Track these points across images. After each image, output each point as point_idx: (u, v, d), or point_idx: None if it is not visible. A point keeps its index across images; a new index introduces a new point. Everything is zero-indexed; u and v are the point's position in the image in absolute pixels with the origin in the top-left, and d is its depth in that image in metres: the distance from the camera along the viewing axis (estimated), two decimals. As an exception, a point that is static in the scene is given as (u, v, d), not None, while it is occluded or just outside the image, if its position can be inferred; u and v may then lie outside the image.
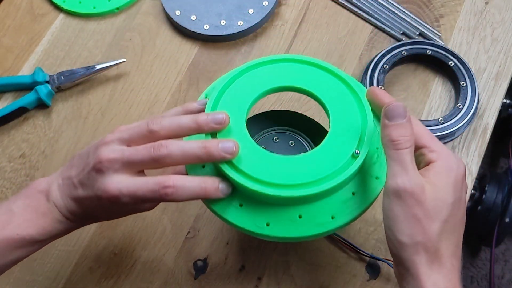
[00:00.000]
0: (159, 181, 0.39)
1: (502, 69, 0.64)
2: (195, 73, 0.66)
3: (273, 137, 0.48)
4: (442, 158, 0.39)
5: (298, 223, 0.41)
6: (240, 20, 0.67)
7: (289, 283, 0.55)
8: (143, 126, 0.41)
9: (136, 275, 0.56)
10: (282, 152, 0.46)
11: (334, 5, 0.69)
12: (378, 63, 0.62)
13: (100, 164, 0.40)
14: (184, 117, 0.41)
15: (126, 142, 0.41)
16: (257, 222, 0.41)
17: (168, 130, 0.41)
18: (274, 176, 0.40)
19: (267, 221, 0.41)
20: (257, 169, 0.40)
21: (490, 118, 0.61)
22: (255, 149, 0.41)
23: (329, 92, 0.44)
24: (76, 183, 0.42)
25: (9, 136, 0.64)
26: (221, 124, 0.41)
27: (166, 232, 0.58)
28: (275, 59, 0.46)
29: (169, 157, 0.39)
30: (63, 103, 0.66)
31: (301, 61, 0.46)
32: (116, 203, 0.40)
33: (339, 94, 0.44)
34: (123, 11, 0.71)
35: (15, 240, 0.41)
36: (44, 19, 0.71)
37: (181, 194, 0.39)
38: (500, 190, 0.97)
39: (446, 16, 0.67)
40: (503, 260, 1.16)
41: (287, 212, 0.41)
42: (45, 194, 0.43)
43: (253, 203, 0.41)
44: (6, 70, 0.68)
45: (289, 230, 0.41)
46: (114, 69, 0.67)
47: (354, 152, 0.41)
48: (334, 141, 0.41)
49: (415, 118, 0.41)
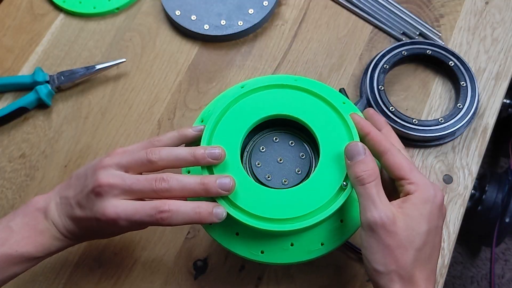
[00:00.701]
0: (155, 206, 0.41)
1: (502, 69, 0.64)
2: (195, 73, 0.66)
3: (273, 137, 0.49)
4: (419, 190, 0.41)
5: (290, 250, 0.44)
6: (240, 20, 0.67)
7: (289, 283, 0.55)
8: (142, 155, 0.43)
9: (136, 275, 0.56)
10: (282, 152, 0.47)
11: (334, 5, 0.69)
12: (378, 63, 0.62)
13: (100, 188, 0.41)
14: (182, 149, 0.43)
15: (124, 168, 0.43)
16: (252, 249, 0.45)
17: (166, 161, 0.43)
18: (267, 210, 0.43)
19: (262, 249, 0.45)
20: (251, 203, 0.43)
21: (490, 118, 0.61)
22: (250, 183, 0.44)
23: (320, 121, 0.47)
24: (74, 204, 0.43)
25: (9, 136, 0.64)
26: (217, 159, 0.43)
27: (166, 232, 0.58)
28: (269, 85, 0.48)
29: (169, 192, 0.42)
30: (63, 103, 0.66)
31: (295, 87, 0.48)
32: (113, 225, 0.42)
33: (330, 123, 0.46)
34: (123, 11, 0.71)
35: (14, 256, 0.42)
36: (44, 19, 0.71)
37: (176, 218, 0.41)
38: (500, 189, 0.97)
39: (446, 16, 0.67)
40: (503, 260, 1.16)
41: (280, 241, 0.44)
42: (43, 212, 0.44)
43: (248, 233, 0.45)
44: (6, 70, 0.68)
45: (281, 257, 0.45)
46: (114, 69, 0.67)
47: (342, 184, 0.43)
48: (324, 172, 0.44)
49: (397, 150, 0.43)
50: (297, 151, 0.48)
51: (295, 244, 0.45)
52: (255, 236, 0.45)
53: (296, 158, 0.48)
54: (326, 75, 0.65)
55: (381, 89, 0.61)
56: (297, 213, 0.43)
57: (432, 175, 0.59)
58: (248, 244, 0.45)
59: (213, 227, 0.45)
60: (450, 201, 0.58)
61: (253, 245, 0.45)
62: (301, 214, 0.43)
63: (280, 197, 0.44)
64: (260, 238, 0.45)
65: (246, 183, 0.44)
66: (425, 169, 0.59)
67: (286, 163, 0.47)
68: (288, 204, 0.43)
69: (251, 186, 0.44)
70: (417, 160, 0.60)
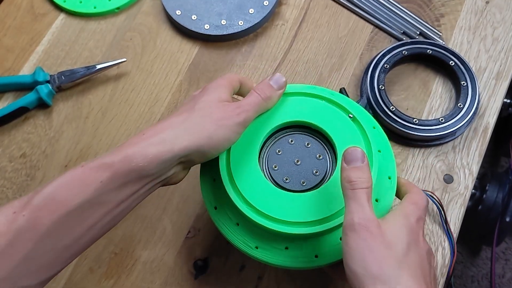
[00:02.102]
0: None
1: (502, 68, 0.64)
2: (195, 73, 0.66)
3: (288, 139, 0.49)
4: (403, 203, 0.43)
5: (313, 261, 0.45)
6: (240, 20, 0.67)
7: (289, 283, 0.55)
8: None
9: (137, 275, 0.56)
10: (299, 154, 0.48)
11: (335, 4, 0.69)
12: (379, 63, 0.62)
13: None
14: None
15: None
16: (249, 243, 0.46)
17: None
18: (286, 213, 0.44)
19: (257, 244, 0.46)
20: (270, 207, 0.44)
21: (491, 118, 0.61)
22: (269, 187, 0.45)
23: (338, 129, 0.47)
24: None
25: (10, 136, 0.64)
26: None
27: (166, 232, 0.58)
28: (287, 92, 0.49)
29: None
30: (64, 102, 0.66)
31: (312, 95, 0.49)
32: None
33: (347, 131, 0.47)
34: (124, 11, 0.71)
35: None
36: (44, 19, 0.71)
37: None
38: (500, 189, 0.97)
39: (446, 16, 0.67)
40: (503, 259, 1.16)
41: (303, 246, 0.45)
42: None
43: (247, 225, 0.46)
44: (7, 70, 0.68)
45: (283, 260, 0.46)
46: (114, 68, 0.67)
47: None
48: (331, 190, 0.45)
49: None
50: (313, 152, 0.48)
51: (290, 248, 0.45)
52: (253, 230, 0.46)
53: (313, 159, 0.48)
54: (327, 74, 0.65)
55: (381, 88, 0.61)
56: (295, 218, 0.44)
57: (433, 175, 0.59)
58: (245, 236, 0.46)
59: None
60: (450, 201, 0.58)
61: (250, 238, 0.46)
62: (299, 220, 0.44)
63: (298, 200, 0.45)
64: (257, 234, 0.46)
65: (257, 178, 0.45)
66: (426, 169, 0.59)
67: (303, 165, 0.47)
68: (306, 208, 0.44)
69: (261, 182, 0.45)
70: (418, 160, 0.60)
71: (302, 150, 0.48)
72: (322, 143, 0.48)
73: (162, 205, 0.59)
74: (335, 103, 0.48)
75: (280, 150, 0.48)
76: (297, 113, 0.48)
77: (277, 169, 0.47)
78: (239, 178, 0.45)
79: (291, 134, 0.49)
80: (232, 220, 0.47)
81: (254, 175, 0.46)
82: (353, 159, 0.41)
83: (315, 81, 0.65)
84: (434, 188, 0.58)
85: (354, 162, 0.41)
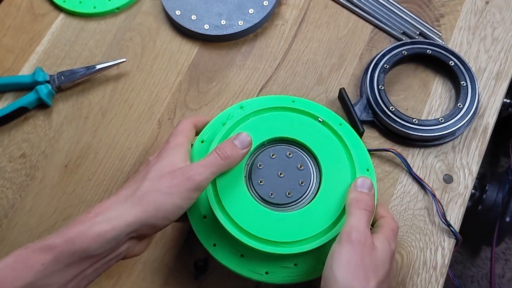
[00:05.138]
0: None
1: (502, 68, 0.64)
2: (195, 73, 0.66)
3: (270, 153, 0.49)
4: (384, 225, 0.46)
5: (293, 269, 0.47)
6: (240, 20, 0.67)
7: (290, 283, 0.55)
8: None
9: (137, 275, 0.56)
10: (281, 166, 0.49)
11: (335, 4, 0.69)
12: (379, 63, 0.62)
13: None
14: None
15: None
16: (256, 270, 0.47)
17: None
18: (273, 233, 0.45)
19: (266, 270, 0.47)
20: (257, 226, 0.45)
21: (491, 118, 0.61)
22: (255, 206, 0.46)
23: (313, 136, 0.49)
24: None
25: (10, 136, 0.64)
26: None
27: (166, 232, 0.58)
28: (270, 108, 0.50)
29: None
30: (64, 103, 0.66)
31: (294, 109, 0.50)
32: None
33: (320, 135, 0.49)
34: (124, 11, 0.71)
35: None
36: (44, 19, 0.71)
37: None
38: (500, 189, 0.97)
39: (446, 16, 0.67)
40: (503, 259, 1.16)
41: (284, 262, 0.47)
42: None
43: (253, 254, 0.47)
44: (6, 70, 0.68)
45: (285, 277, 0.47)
46: (114, 69, 0.67)
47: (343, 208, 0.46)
48: (326, 196, 0.46)
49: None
50: (295, 162, 0.48)
51: (298, 264, 0.46)
52: (259, 257, 0.46)
53: (296, 170, 0.48)
54: (326, 74, 0.65)
55: (381, 88, 0.61)
56: (302, 236, 0.45)
57: (432, 175, 0.59)
58: (252, 265, 0.47)
59: (218, 250, 0.47)
60: (450, 201, 0.58)
61: (258, 265, 0.47)
62: (306, 237, 0.44)
63: (285, 220, 0.45)
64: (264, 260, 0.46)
65: (252, 207, 0.46)
66: (425, 169, 0.59)
67: (287, 176, 0.48)
68: (293, 227, 0.45)
69: (257, 209, 0.46)
70: (417, 160, 0.60)
71: (285, 161, 0.48)
72: (302, 152, 0.49)
73: (162, 205, 0.59)
74: (303, 111, 0.50)
75: (261, 165, 0.48)
76: (272, 130, 0.49)
77: (263, 184, 0.47)
78: (233, 211, 0.45)
79: (272, 147, 0.49)
80: (236, 253, 0.47)
81: (247, 205, 0.46)
82: (364, 185, 0.45)
83: (314, 81, 0.65)
84: (434, 188, 0.58)
85: (365, 188, 0.45)
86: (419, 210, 0.57)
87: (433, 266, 0.55)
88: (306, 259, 0.46)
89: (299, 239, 0.44)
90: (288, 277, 0.46)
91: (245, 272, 0.46)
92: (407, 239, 0.56)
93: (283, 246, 0.44)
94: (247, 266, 0.46)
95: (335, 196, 0.46)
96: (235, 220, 0.45)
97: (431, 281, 0.54)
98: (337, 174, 0.47)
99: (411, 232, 0.56)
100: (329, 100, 0.64)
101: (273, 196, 0.47)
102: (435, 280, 0.54)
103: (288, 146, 0.49)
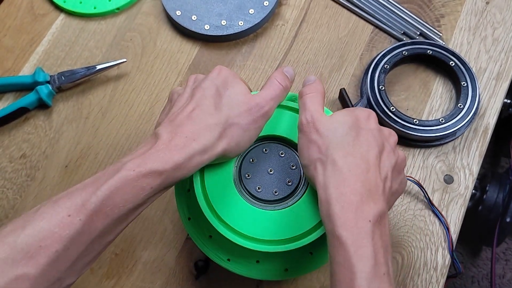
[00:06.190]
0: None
1: (503, 69, 0.64)
2: (195, 73, 0.66)
3: (262, 148, 0.48)
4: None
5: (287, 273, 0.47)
6: (240, 20, 0.67)
7: (290, 283, 0.55)
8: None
9: (137, 276, 0.56)
10: (272, 163, 0.48)
11: (335, 5, 0.69)
12: (379, 63, 0.62)
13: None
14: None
15: None
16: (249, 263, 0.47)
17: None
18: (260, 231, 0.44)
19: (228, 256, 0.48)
20: (244, 225, 0.45)
21: (491, 118, 0.61)
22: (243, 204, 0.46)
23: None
24: None
25: (10, 136, 0.64)
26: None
27: (167, 232, 0.58)
28: None
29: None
30: (64, 103, 0.66)
31: (288, 107, 0.49)
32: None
33: None
34: (124, 11, 0.71)
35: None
36: (44, 19, 0.71)
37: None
38: (501, 189, 0.97)
39: (446, 16, 0.67)
40: (504, 260, 1.16)
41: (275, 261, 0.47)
42: None
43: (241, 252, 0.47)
44: (7, 70, 0.68)
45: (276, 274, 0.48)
46: (114, 69, 0.67)
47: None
48: (311, 198, 0.45)
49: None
50: (287, 161, 0.48)
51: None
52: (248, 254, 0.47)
53: (287, 169, 0.47)
54: (327, 75, 0.65)
55: (381, 89, 0.61)
56: (287, 234, 0.44)
57: (433, 175, 0.59)
58: (218, 250, 0.48)
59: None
60: (451, 201, 0.58)
61: (222, 252, 0.48)
62: (291, 235, 0.44)
63: (269, 217, 0.45)
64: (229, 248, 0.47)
65: (238, 203, 0.46)
66: (426, 169, 0.59)
67: (276, 174, 0.47)
68: (277, 225, 0.45)
69: (243, 207, 0.45)
70: (418, 160, 0.60)
71: (276, 159, 0.48)
72: (296, 153, 0.48)
73: (162, 206, 0.59)
74: (290, 108, 0.49)
75: (254, 159, 0.48)
76: (268, 128, 0.48)
77: (250, 177, 0.47)
78: (212, 192, 0.45)
79: (266, 143, 0.49)
80: (205, 232, 0.47)
81: (228, 190, 0.46)
82: (306, 81, 0.46)
83: (315, 81, 0.65)
84: (434, 188, 0.58)
85: (307, 82, 0.46)
86: (420, 211, 0.57)
87: (433, 267, 0.55)
88: (268, 260, 0.47)
89: (262, 238, 0.44)
90: (249, 272, 0.47)
91: (210, 253, 0.48)
92: (408, 239, 0.56)
93: (245, 238, 0.44)
94: (213, 248, 0.48)
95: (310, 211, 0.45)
96: (210, 201, 0.45)
97: (431, 282, 0.54)
98: None
99: (411, 232, 0.56)
100: (330, 100, 0.64)
101: (260, 191, 0.46)
102: (435, 280, 0.54)
103: (281, 145, 0.49)
